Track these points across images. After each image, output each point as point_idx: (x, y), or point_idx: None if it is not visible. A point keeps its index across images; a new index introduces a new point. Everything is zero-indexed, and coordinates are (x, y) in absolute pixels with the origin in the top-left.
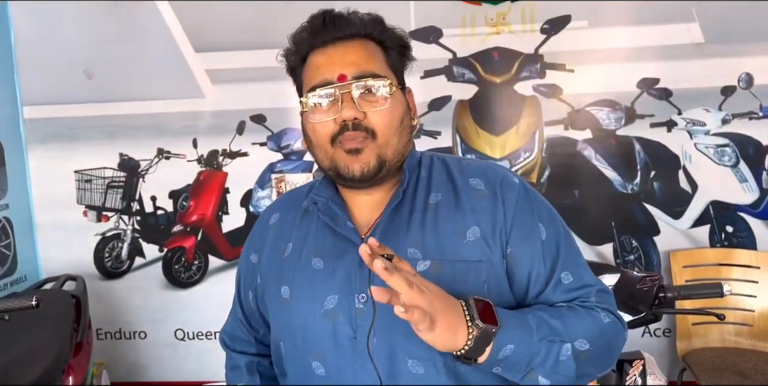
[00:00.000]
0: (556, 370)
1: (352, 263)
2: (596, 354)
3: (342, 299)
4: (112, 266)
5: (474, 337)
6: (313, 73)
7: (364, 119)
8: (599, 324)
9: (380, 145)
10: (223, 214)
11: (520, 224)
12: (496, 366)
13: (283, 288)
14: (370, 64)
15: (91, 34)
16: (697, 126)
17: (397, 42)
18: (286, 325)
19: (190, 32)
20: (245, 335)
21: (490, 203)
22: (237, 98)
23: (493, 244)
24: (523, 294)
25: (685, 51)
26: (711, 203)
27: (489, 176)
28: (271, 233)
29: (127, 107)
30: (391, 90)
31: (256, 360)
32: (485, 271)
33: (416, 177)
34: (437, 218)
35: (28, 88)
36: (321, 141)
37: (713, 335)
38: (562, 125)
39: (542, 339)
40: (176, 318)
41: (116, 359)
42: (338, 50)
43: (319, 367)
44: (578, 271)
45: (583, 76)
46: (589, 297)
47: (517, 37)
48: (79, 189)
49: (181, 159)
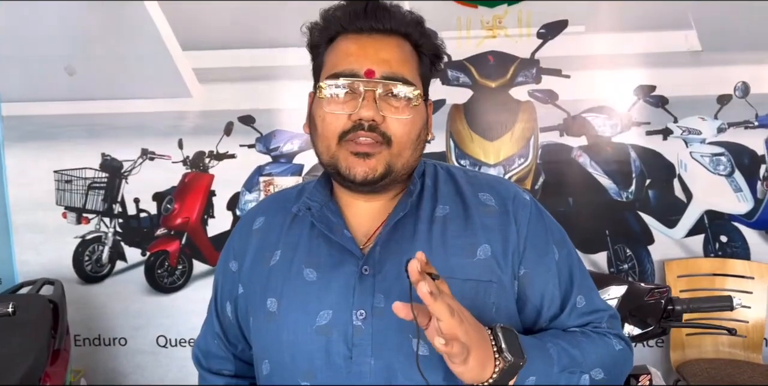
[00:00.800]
0: None
1: (351, 275)
2: (608, 381)
3: (337, 314)
4: (92, 271)
5: (500, 370)
6: (340, 59)
7: (381, 123)
8: (612, 351)
9: (393, 154)
10: (208, 217)
11: (534, 245)
12: None
13: (270, 300)
14: (403, 68)
15: (73, 29)
16: (693, 134)
17: (433, 50)
18: (273, 341)
19: (178, 29)
20: (222, 351)
21: (501, 220)
22: (225, 98)
23: (504, 264)
24: (534, 317)
25: (681, 59)
26: (706, 212)
27: (500, 192)
28: (255, 239)
29: (110, 106)
30: (418, 100)
31: (233, 383)
32: (495, 292)
33: (420, 186)
34: (445, 232)
35: (5, 85)
36: (328, 133)
37: (707, 346)
38: (558, 132)
39: (563, 370)
40: (158, 325)
41: (95, 366)
42: (373, 43)
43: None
44: (590, 295)
45: (579, 82)
46: (602, 322)
47: (513, 42)
48: (59, 190)
49: (165, 160)
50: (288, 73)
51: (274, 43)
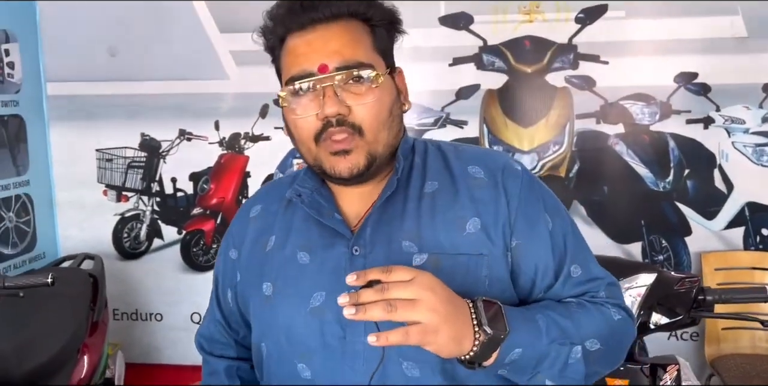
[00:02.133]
0: (564, 373)
1: (342, 257)
2: (606, 353)
3: (330, 296)
4: (130, 247)
5: (481, 343)
6: (291, 61)
7: (349, 115)
8: (610, 321)
9: (369, 142)
10: (243, 198)
11: (525, 215)
12: (501, 369)
13: (265, 285)
14: (355, 51)
15: (115, 12)
16: (736, 124)
17: (387, 18)
18: (269, 325)
19: (216, 12)
20: (224, 337)
21: (491, 192)
22: (261, 81)
23: (496, 236)
24: (530, 288)
25: (726, 45)
26: (747, 204)
27: (489, 164)
28: (251, 227)
29: (149, 87)
30: (378, 80)
31: (235, 365)
32: (486, 265)
33: (410, 164)
34: (434, 208)
35: (51, 65)
36: (303, 138)
37: (744, 341)
38: (594, 119)
39: (552, 341)
40: (192, 302)
41: (131, 340)
42: (318, 36)
43: (305, 370)
44: (587, 263)
45: (617, 69)
46: (599, 291)
47: (551, 26)
48: (100, 168)
49: (202, 141)
50: None
51: None
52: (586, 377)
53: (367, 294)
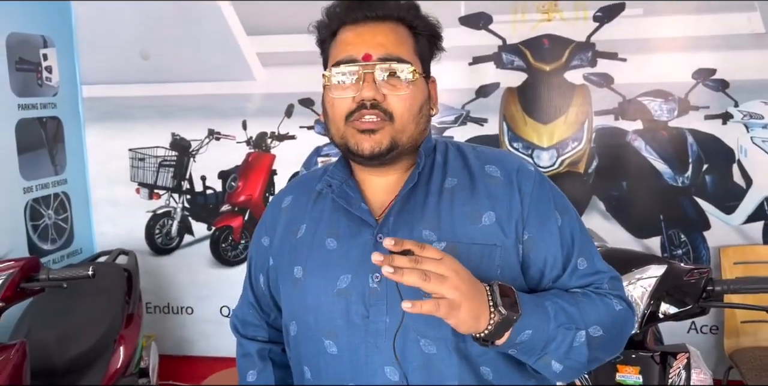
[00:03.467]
0: (569, 356)
1: (367, 243)
2: (608, 339)
3: (355, 278)
4: (162, 243)
5: (495, 323)
6: (340, 48)
7: (383, 101)
8: (611, 310)
9: (397, 129)
10: (269, 195)
11: (537, 211)
12: (512, 348)
13: (296, 268)
14: (398, 48)
15: (147, 16)
16: (755, 119)
17: (429, 30)
18: (299, 305)
19: (243, 15)
20: (256, 319)
21: (506, 189)
22: (286, 82)
23: (509, 230)
24: (539, 278)
25: (744, 41)
26: (766, 198)
27: (505, 164)
28: (283, 216)
29: (180, 88)
30: (414, 76)
31: (267, 347)
32: (499, 255)
33: (431, 162)
34: (453, 201)
35: (87, 68)
36: (336, 116)
37: (763, 334)
38: (612, 115)
39: (559, 326)
40: (222, 295)
41: (164, 332)
42: (368, 29)
43: (331, 346)
44: (592, 257)
45: (635, 66)
46: (602, 283)
47: (569, 25)
48: (133, 167)
49: (230, 140)
50: None
51: None
52: (589, 361)
53: (402, 260)
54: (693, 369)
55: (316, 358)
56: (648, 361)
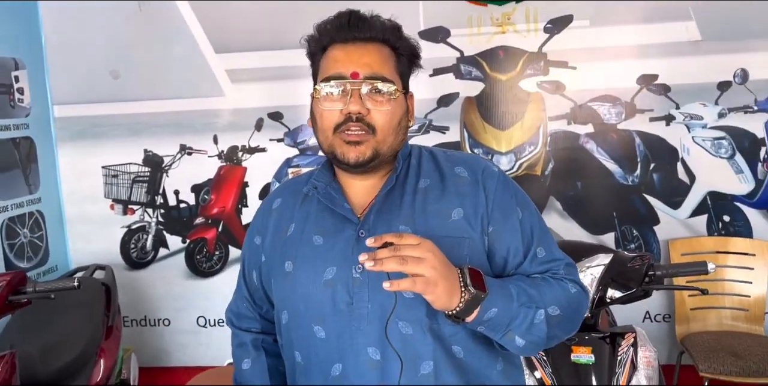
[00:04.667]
0: (530, 331)
1: (350, 239)
2: (565, 318)
3: (340, 270)
4: (137, 257)
5: (465, 300)
6: (331, 64)
7: (367, 115)
8: (567, 293)
9: (378, 141)
10: (242, 207)
11: (500, 207)
12: (480, 325)
13: (287, 263)
14: (382, 68)
15: (116, 36)
16: (695, 120)
17: (410, 51)
18: (290, 295)
19: (211, 34)
20: (250, 312)
21: (472, 188)
22: (255, 97)
23: (475, 224)
24: (503, 265)
25: (682, 48)
26: (708, 193)
27: (472, 165)
28: (273, 217)
29: (151, 106)
30: (395, 94)
31: (260, 338)
32: (467, 246)
33: (407, 165)
34: (426, 200)
35: (57, 88)
36: (325, 126)
37: (711, 319)
38: (565, 120)
39: (521, 305)
40: (198, 306)
41: (142, 345)
42: (357, 49)
43: (320, 331)
44: (549, 247)
45: (585, 73)
46: (559, 269)
47: (522, 37)
48: (107, 184)
49: (202, 155)
50: None
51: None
52: (548, 338)
53: (383, 252)
54: (639, 346)
55: (307, 342)
56: (599, 342)
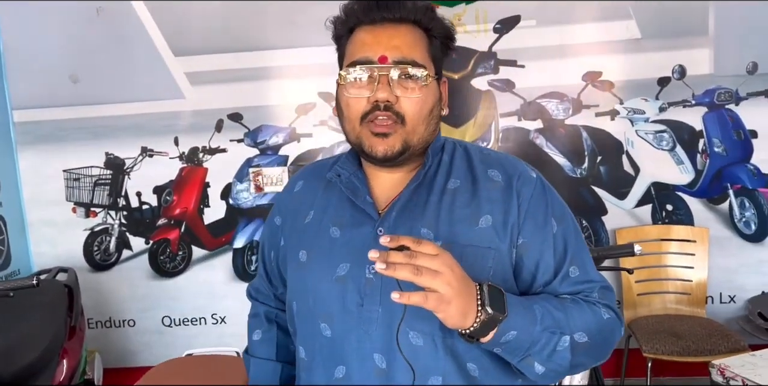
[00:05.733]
0: (551, 359)
1: (367, 235)
2: (593, 346)
3: (354, 267)
4: (101, 259)
5: (481, 321)
6: (357, 48)
7: (396, 103)
8: (599, 319)
9: (408, 131)
10: (204, 207)
11: (533, 218)
12: (496, 347)
13: (301, 252)
14: (413, 52)
15: (75, 40)
16: (637, 114)
17: (443, 33)
18: (300, 287)
19: (169, 37)
20: (266, 290)
21: (505, 194)
22: (215, 98)
23: (503, 234)
24: (530, 282)
25: (624, 46)
26: (652, 184)
27: (507, 169)
28: (295, 200)
29: (111, 109)
30: (427, 80)
31: (274, 311)
32: (492, 257)
33: (438, 161)
34: (453, 203)
35: (16, 93)
36: (351, 116)
37: (656, 304)
38: (516, 117)
39: (545, 329)
40: (163, 306)
41: (107, 346)
42: (385, 31)
43: (326, 329)
44: (585, 267)
45: (533, 71)
46: (593, 292)
47: (472, 37)
48: (68, 187)
49: (163, 156)
50: (271, 73)
51: (256, 46)
52: (572, 366)
53: (397, 256)
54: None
55: (312, 339)
56: None
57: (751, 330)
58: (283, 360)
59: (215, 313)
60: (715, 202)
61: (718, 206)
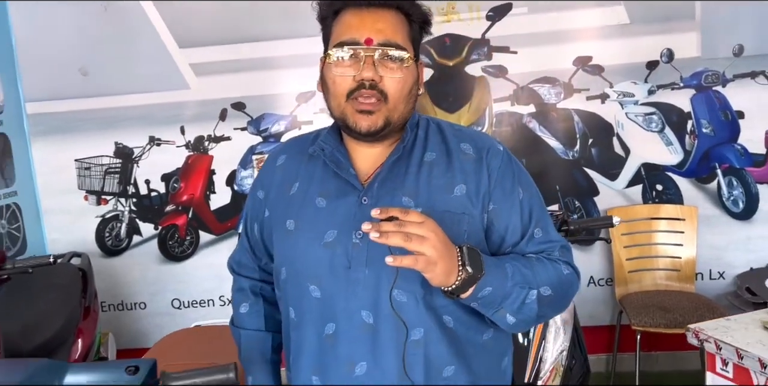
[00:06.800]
0: (521, 310)
1: (352, 204)
2: (555, 299)
3: (341, 234)
4: (112, 245)
5: (462, 279)
6: (344, 29)
7: (380, 82)
8: (560, 274)
9: (390, 109)
10: (210, 193)
11: (502, 186)
12: (473, 301)
13: (288, 221)
14: (396, 35)
15: (84, 34)
16: (627, 97)
17: (422, 18)
18: (290, 253)
19: (174, 30)
20: (250, 263)
21: (476, 166)
22: (219, 88)
23: (476, 201)
24: (499, 243)
25: (613, 31)
26: (642, 165)
27: (478, 143)
28: (278, 173)
29: (120, 100)
30: (408, 62)
31: (259, 284)
32: (467, 222)
33: (414, 136)
34: (430, 174)
35: (29, 86)
36: (337, 93)
37: (647, 280)
38: (509, 101)
39: (515, 284)
40: (172, 289)
41: (120, 328)
42: (371, 15)
43: (315, 290)
44: (547, 228)
45: (525, 57)
46: (554, 251)
47: (466, 24)
48: (80, 176)
49: (170, 145)
50: (272, 64)
51: (258, 37)
52: (538, 316)
53: (388, 226)
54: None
55: (301, 300)
56: None
57: (739, 305)
58: (271, 329)
59: (222, 295)
60: (704, 181)
61: (706, 186)
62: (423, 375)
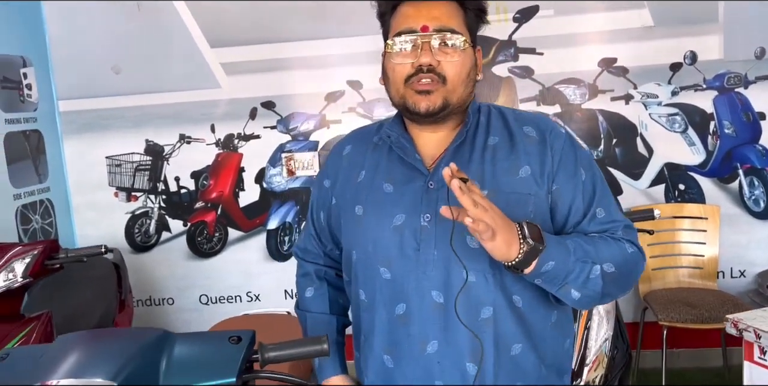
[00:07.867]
0: (586, 286)
1: (419, 189)
2: (620, 276)
3: (409, 218)
4: (141, 241)
5: (524, 252)
6: (402, 21)
7: (437, 66)
8: (624, 252)
9: (448, 90)
10: (239, 190)
11: (565, 167)
12: (538, 278)
13: (357, 207)
14: (451, 21)
15: (117, 33)
16: (651, 98)
17: (476, 6)
18: (360, 237)
19: (206, 30)
20: (315, 249)
21: (540, 148)
22: (249, 87)
23: (541, 182)
24: (563, 223)
25: (638, 33)
26: (665, 164)
27: (540, 126)
28: (344, 162)
29: (151, 99)
30: (464, 46)
31: (323, 269)
32: (532, 203)
33: (476, 121)
34: (494, 157)
35: (62, 84)
36: (396, 79)
37: (670, 278)
38: (535, 102)
39: (578, 260)
40: (200, 285)
41: (148, 323)
42: (425, 5)
43: (386, 272)
44: (609, 208)
45: (551, 58)
46: (617, 230)
47: (493, 26)
48: (111, 173)
49: (200, 143)
50: (301, 63)
51: (288, 37)
52: (603, 295)
53: (458, 183)
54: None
55: (372, 282)
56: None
57: (761, 302)
58: (336, 313)
59: (250, 291)
60: (726, 181)
61: (728, 185)
62: (492, 352)
